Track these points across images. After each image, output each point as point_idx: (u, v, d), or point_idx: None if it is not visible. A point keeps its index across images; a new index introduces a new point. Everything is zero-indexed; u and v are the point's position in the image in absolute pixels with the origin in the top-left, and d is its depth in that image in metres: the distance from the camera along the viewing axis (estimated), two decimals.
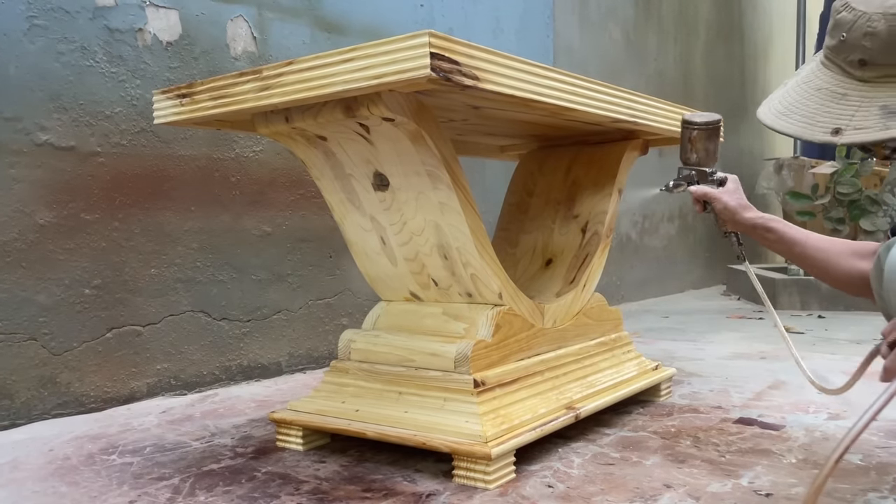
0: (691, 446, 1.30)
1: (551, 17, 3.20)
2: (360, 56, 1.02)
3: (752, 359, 2.17)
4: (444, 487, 1.12)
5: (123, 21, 1.69)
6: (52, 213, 1.58)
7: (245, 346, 1.95)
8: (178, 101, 1.25)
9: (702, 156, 1.36)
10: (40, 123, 1.56)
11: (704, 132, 1.35)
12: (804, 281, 3.54)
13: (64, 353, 1.59)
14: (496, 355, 1.28)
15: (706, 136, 1.35)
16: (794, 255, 1.23)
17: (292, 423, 1.33)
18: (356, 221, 1.38)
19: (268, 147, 2.00)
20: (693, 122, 1.36)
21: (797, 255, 1.22)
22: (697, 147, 1.36)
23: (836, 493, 1.06)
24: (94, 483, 1.17)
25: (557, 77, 1.21)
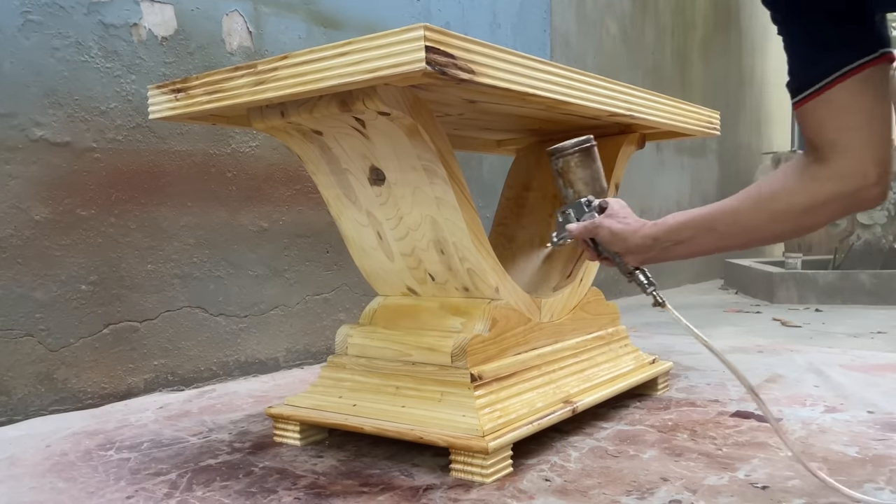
0: (688, 440, 1.31)
1: (548, 11, 3.19)
2: (354, 50, 1.02)
3: (749, 352, 2.17)
4: (442, 482, 1.12)
5: (118, 16, 1.69)
6: (48, 210, 1.58)
7: (242, 342, 1.95)
8: (173, 96, 1.24)
9: (580, 188, 1.13)
10: (35, 119, 1.55)
11: (574, 157, 1.13)
12: (802, 275, 3.54)
13: (61, 350, 1.59)
14: (493, 350, 1.28)
15: (577, 162, 1.13)
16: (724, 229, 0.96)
17: (289, 418, 1.33)
18: (352, 216, 1.38)
19: (264, 142, 2.00)
20: (557, 150, 1.13)
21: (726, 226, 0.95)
22: (571, 179, 1.13)
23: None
24: (92, 479, 1.17)
25: (554, 71, 1.21)
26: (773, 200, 0.91)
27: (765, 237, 0.95)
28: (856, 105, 0.84)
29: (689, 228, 0.98)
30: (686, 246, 0.99)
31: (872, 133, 0.84)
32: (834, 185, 0.86)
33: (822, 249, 4.86)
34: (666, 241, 1.00)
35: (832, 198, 0.87)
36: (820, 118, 0.86)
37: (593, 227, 1.08)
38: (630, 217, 1.06)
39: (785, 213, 0.90)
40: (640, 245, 1.03)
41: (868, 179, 0.85)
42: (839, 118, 0.84)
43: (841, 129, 0.85)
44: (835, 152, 0.85)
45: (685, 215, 0.99)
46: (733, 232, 0.95)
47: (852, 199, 0.87)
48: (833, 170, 0.86)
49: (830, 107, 0.84)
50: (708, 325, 2.82)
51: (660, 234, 1.00)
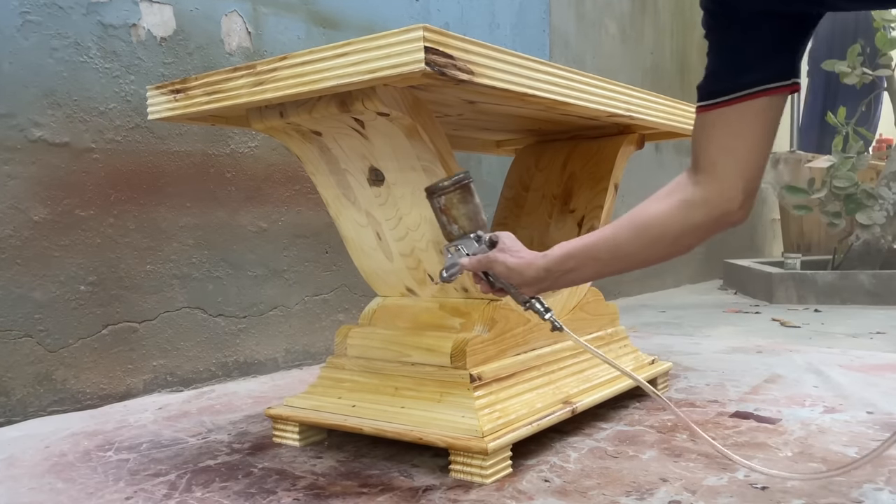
0: (687, 440, 1.31)
1: (547, 11, 3.19)
2: (354, 50, 1.02)
3: (748, 353, 2.17)
4: (441, 482, 1.12)
5: (117, 16, 1.69)
6: (47, 210, 1.57)
7: (241, 343, 1.95)
8: (172, 97, 1.24)
9: (464, 223, 1.12)
10: (34, 120, 1.55)
11: (455, 194, 1.12)
12: (801, 275, 3.54)
13: (60, 350, 1.59)
14: (492, 350, 1.28)
15: (458, 198, 1.12)
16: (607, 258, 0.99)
17: (289, 418, 1.33)
18: (352, 217, 1.38)
19: (263, 143, 2.00)
20: (435, 189, 1.12)
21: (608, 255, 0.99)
22: (454, 215, 1.12)
23: (832, 486, 1.07)
24: (91, 479, 1.17)
25: (553, 71, 1.21)
26: (649, 228, 0.95)
27: (640, 263, 0.99)
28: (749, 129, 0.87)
29: (574, 259, 1.01)
30: (575, 274, 1.02)
31: (750, 163, 0.88)
32: (705, 210, 0.91)
33: (821, 249, 4.86)
34: (557, 272, 1.03)
35: (703, 223, 0.92)
36: (712, 134, 0.89)
37: (488, 261, 1.08)
38: (522, 250, 1.08)
39: (659, 241, 0.95)
40: (534, 277, 1.04)
41: (733, 204, 0.89)
42: (729, 139, 0.88)
43: (726, 151, 0.88)
44: (712, 174, 0.90)
45: (571, 245, 1.02)
46: (614, 259, 0.99)
47: (718, 224, 0.91)
48: (706, 195, 0.90)
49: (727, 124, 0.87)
50: (707, 326, 2.82)
51: (550, 265, 1.03)
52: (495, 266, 1.08)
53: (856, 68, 3.89)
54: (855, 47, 3.92)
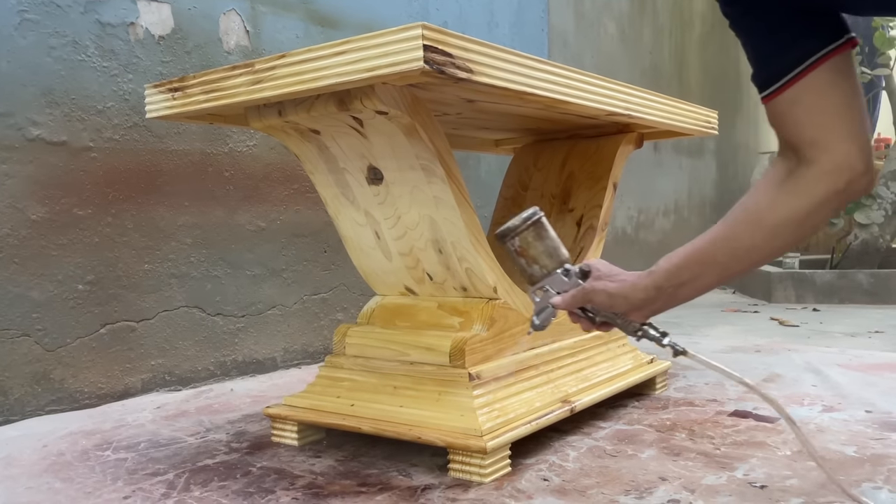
0: (686, 439, 1.31)
1: (546, 10, 3.19)
2: (352, 49, 1.01)
3: (747, 352, 2.17)
4: (440, 481, 1.12)
5: (115, 15, 1.68)
6: (45, 209, 1.57)
7: (240, 342, 1.94)
8: (170, 95, 1.24)
9: (545, 262, 1.04)
10: (32, 118, 1.55)
11: (527, 234, 1.03)
12: (799, 274, 3.54)
13: (58, 349, 1.59)
14: (491, 349, 1.28)
15: (532, 237, 1.03)
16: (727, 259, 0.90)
17: (287, 418, 1.33)
18: (350, 216, 1.38)
19: (261, 142, 1.99)
20: (508, 232, 1.04)
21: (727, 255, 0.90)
22: (532, 255, 1.03)
23: (831, 485, 1.06)
24: (89, 479, 1.17)
25: (552, 70, 1.21)
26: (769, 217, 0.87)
27: (767, 255, 0.91)
28: (829, 97, 0.82)
29: (689, 268, 0.92)
30: (691, 286, 0.93)
31: (850, 123, 0.82)
32: (826, 183, 0.84)
33: (819, 249, 4.87)
34: (669, 287, 0.93)
35: (827, 196, 0.84)
36: (795, 115, 0.83)
37: (584, 294, 0.99)
38: (621, 273, 0.99)
39: (787, 225, 0.86)
40: (643, 299, 0.95)
41: (857, 170, 0.82)
42: (814, 113, 0.82)
43: (819, 126, 0.82)
44: (817, 150, 0.83)
45: (680, 256, 0.93)
46: (736, 259, 0.90)
47: (845, 194, 0.84)
48: (821, 168, 0.83)
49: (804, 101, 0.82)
50: (706, 325, 2.82)
51: (660, 281, 0.93)
52: (595, 297, 0.97)
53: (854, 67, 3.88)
54: None
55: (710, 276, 0.92)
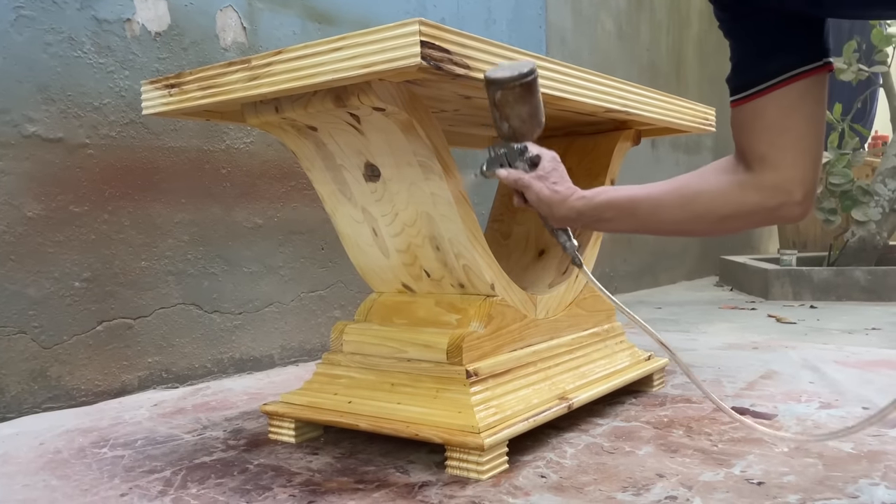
0: (684, 436, 1.31)
1: (544, 7, 3.19)
2: (349, 45, 1.01)
3: (744, 349, 2.17)
4: (437, 478, 1.12)
5: (111, 11, 1.68)
6: (41, 206, 1.57)
7: (237, 339, 1.94)
8: (166, 92, 1.23)
9: (515, 124, 1.03)
10: (28, 115, 1.54)
11: (512, 91, 1.00)
12: (796, 271, 3.55)
13: (54, 347, 1.58)
14: (489, 346, 1.27)
15: (516, 96, 1.00)
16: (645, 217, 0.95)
17: (284, 415, 1.32)
18: (348, 213, 1.38)
19: (258, 139, 1.99)
20: (495, 80, 1.00)
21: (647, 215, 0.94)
22: (507, 113, 1.02)
23: (828, 482, 1.07)
24: (86, 476, 1.17)
25: (549, 66, 1.21)
26: (696, 201, 0.91)
27: (681, 232, 0.97)
28: (790, 118, 0.82)
29: (613, 209, 0.98)
30: (608, 224, 1.00)
31: (804, 150, 0.83)
32: (759, 196, 0.86)
33: (816, 246, 4.87)
34: (589, 217, 1.00)
35: (755, 209, 0.87)
36: (756, 127, 0.84)
37: (522, 183, 1.05)
38: (560, 182, 1.03)
39: (705, 216, 0.90)
40: (564, 216, 1.02)
41: (793, 197, 0.84)
42: (771, 130, 0.83)
43: (772, 144, 0.84)
44: (763, 165, 0.84)
45: (612, 193, 0.98)
46: (652, 221, 0.95)
47: (774, 214, 0.86)
48: (760, 181, 0.85)
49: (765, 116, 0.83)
50: (703, 322, 2.83)
51: (585, 209, 0.99)
52: (527, 192, 1.04)
53: (852, 65, 3.89)
54: (851, 44, 3.92)
55: (626, 224, 0.98)
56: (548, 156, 1.06)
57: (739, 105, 0.85)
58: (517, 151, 1.06)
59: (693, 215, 0.92)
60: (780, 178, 0.84)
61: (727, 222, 0.90)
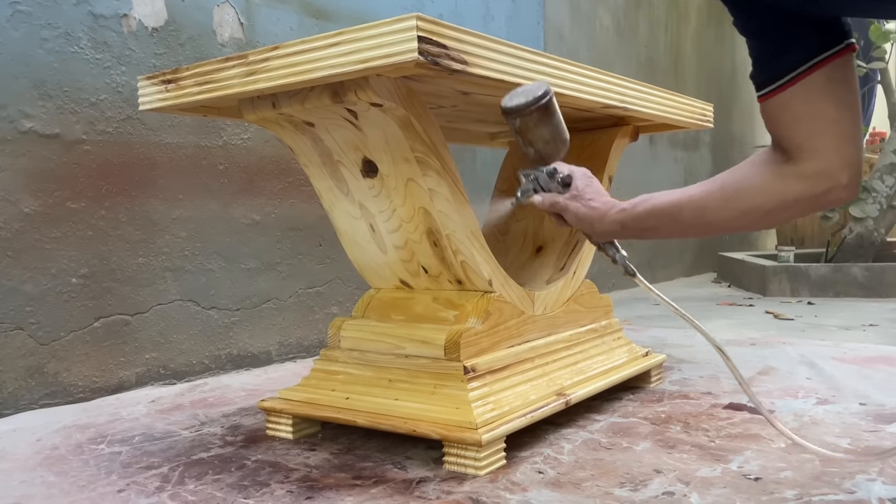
0: (681, 432, 1.31)
1: (542, 3, 3.18)
2: (346, 40, 1.01)
3: (742, 345, 2.17)
4: (435, 474, 1.12)
5: (108, 7, 1.67)
6: (38, 202, 1.56)
7: (234, 335, 1.94)
8: (163, 87, 1.23)
9: (540, 147, 1.03)
10: (24, 111, 1.54)
11: (531, 117, 1.00)
12: (794, 268, 3.55)
13: (51, 343, 1.58)
14: (486, 342, 1.27)
15: (536, 120, 1.01)
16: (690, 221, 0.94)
17: (282, 411, 1.32)
18: (345, 209, 1.38)
19: (255, 135, 1.99)
20: (511, 109, 1.00)
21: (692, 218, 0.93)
22: (530, 138, 1.02)
23: (825, 477, 1.07)
24: (83, 472, 1.17)
25: (547, 62, 1.20)
26: (739, 198, 0.90)
27: (729, 230, 0.95)
28: (819, 105, 0.81)
29: (655, 217, 0.96)
30: (652, 233, 0.99)
31: (840, 134, 0.82)
32: (803, 185, 0.85)
33: (814, 243, 4.88)
34: (633, 229, 0.99)
35: (801, 198, 0.86)
36: (786, 119, 0.84)
37: (558, 206, 1.04)
38: (596, 198, 1.02)
39: (751, 211, 0.89)
40: (607, 230, 1.01)
41: (839, 181, 0.83)
42: (802, 120, 0.82)
43: (805, 133, 0.83)
44: (803, 155, 0.84)
45: (653, 202, 0.97)
46: (698, 223, 0.94)
47: (821, 200, 0.85)
48: (802, 171, 0.84)
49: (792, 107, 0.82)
50: (701, 318, 2.83)
51: (627, 220, 0.98)
52: (565, 214, 1.03)
53: None
54: None
55: (671, 230, 0.97)
56: (579, 173, 1.05)
57: (766, 100, 0.85)
58: (547, 174, 1.05)
59: (739, 212, 0.90)
60: (822, 164, 0.83)
61: (775, 215, 0.88)
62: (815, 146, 0.83)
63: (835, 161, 0.82)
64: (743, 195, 0.89)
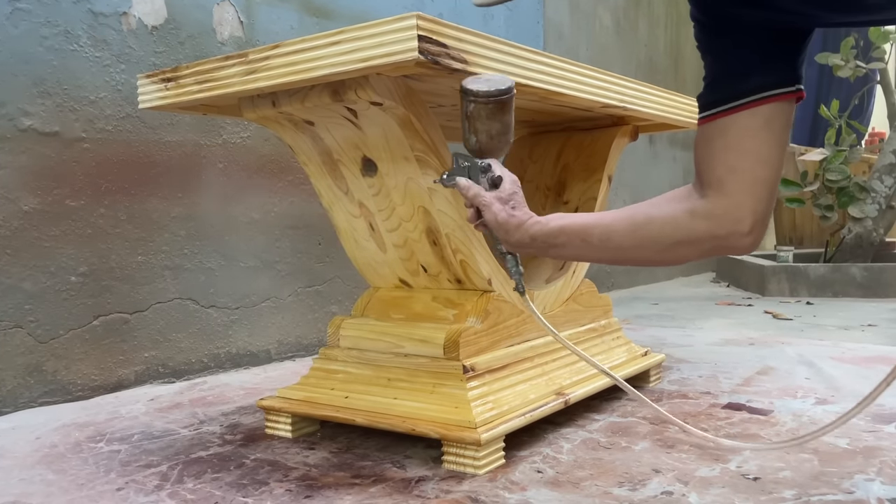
0: (680, 431, 1.31)
1: (541, 2, 3.18)
2: (346, 39, 1.01)
3: (741, 345, 2.18)
4: (434, 473, 1.12)
5: (108, 4, 1.67)
6: (37, 200, 1.56)
7: (234, 334, 1.94)
8: (163, 86, 1.23)
9: (483, 139, 1.03)
10: (24, 109, 1.54)
11: (486, 106, 1.00)
12: (793, 268, 3.55)
13: (50, 341, 1.58)
14: (486, 341, 1.27)
15: (489, 111, 1.00)
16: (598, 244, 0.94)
17: (281, 410, 1.32)
18: (345, 208, 1.37)
19: (255, 133, 1.98)
20: (469, 91, 0.99)
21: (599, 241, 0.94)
22: (477, 127, 1.01)
23: (824, 477, 1.07)
24: (82, 470, 1.17)
25: (547, 61, 1.20)
26: (647, 227, 0.90)
27: (632, 259, 0.95)
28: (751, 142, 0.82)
29: (565, 235, 0.97)
30: (561, 250, 0.98)
31: (757, 180, 0.83)
32: (708, 223, 0.86)
33: (813, 242, 4.88)
34: (542, 244, 0.99)
35: (704, 237, 0.87)
36: (715, 147, 0.84)
37: (480, 202, 1.02)
38: (518, 208, 1.01)
39: (656, 242, 0.90)
40: (518, 240, 1.00)
41: (742, 227, 0.84)
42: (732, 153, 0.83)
43: (730, 168, 0.84)
44: (718, 191, 0.85)
45: (566, 220, 0.98)
46: (604, 248, 0.94)
47: (723, 242, 0.86)
48: (712, 208, 0.85)
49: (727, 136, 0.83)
50: (699, 318, 2.83)
51: (538, 235, 0.98)
52: (485, 212, 1.02)
53: (849, 61, 3.89)
54: (848, 40, 3.92)
55: (579, 251, 0.97)
56: (509, 178, 1.04)
57: (706, 122, 0.86)
58: (480, 168, 1.04)
59: (643, 241, 0.91)
60: (732, 204, 0.84)
61: (677, 249, 0.89)
62: (733, 183, 0.84)
63: (745, 203, 0.83)
64: (651, 225, 0.90)
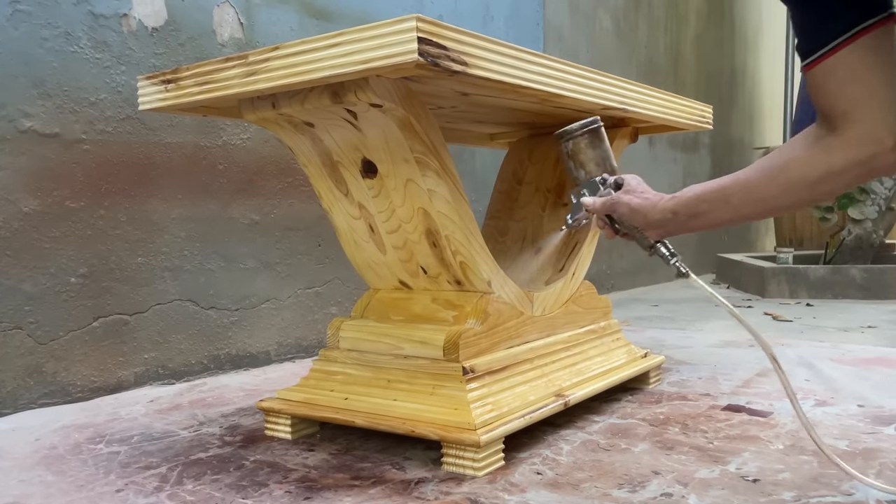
0: (680, 433, 1.31)
1: (541, 4, 3.18)
2: (346, 41, 1.01)
3: (740, 347, 2.18)
4: (433, 475, 1.12)
5: (108, 6, 1.67)
6: (37, 201, 1.56)
7: (233, 335, 1.94)
8: (163, 87, 1.23)
9: (591, 169, 1.15)
10: (24, 110, 1.54)
11: (582, 139, 1.14)
12: (793, 269, 3.55)
13: (50, 343, 1.58)
14: (485, 343, 1.27)
15: (587, 143, 1.14)
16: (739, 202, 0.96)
17: (281, 411, 1.32)
18: (344, 209, 1.38)
19: (255, 135, 1.99)
20: (565, 133, 1.15)
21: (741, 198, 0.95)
22: (581, 160, 1.15)
23: (823, 479, 1.07)
24: (81, 472, 1.17)
25: (547, 63, 1.20)
26: (786, 171, 0.91)
27: (779, 207, 0.96)
28: (863, 71, 0.83)
29: (706, 201, 0.98)
30: (704, 218, 0.99)
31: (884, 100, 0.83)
32: (848, 153, 0.85)
33: (813, 244, 4.88)
34: (684, 215, 1.00)
35: (847, 166, 0.86)
36: (831, 87, 0.85)
37: (612, 203, 1.07)
38: (648, 192, 1.06)
39: (798, 184, 0.90)
40: (659, 220, 1.03)
41: (884, 145, 0.83)
42: (847, 86, 0.84)
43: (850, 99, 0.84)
44: (847, 121, 0.85)
45: (702, 188, 0.99)
46: (747, 202, 0.95)
47: (868, 167, 0.86)
48: (847, 138, 0.85)
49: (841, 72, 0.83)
50: (699, 320, 2.83)
51: (678, 207, 1.00)
52: (619, 208, 1.05)
53: None
54: None
55: (722, 214, 0.98)
56: (629, 176, 1.10)
57: (811, 69, 0.86)
58: (597, 183, 1.13)
59: (786, 187, 0.91)
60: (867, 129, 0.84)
61: (822, 185, 0.89)
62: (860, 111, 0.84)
63: (879, 126, 0.83)
64: (789, 169, 0.90)
